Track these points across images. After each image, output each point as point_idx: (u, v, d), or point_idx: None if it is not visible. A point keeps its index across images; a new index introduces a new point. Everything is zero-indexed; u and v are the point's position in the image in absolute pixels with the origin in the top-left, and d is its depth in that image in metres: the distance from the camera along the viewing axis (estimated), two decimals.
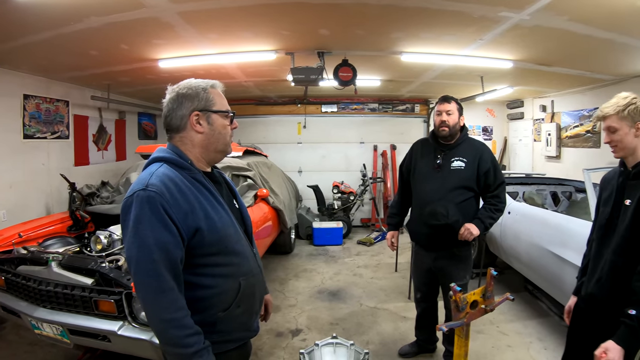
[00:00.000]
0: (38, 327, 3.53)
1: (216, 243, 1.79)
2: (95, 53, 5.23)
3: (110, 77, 6.82)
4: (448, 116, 3.56)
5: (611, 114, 2.25)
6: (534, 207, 5.56)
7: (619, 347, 2.05)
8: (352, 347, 3.37)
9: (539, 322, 4.92)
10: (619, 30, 4.37)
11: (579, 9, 3.79)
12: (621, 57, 5.54)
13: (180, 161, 1.80)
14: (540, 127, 9.61)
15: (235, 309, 1.86)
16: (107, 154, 8.25)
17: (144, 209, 1.61)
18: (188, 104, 1.81)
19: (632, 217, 2.19)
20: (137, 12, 3.89)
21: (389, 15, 4.15)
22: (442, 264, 3.71)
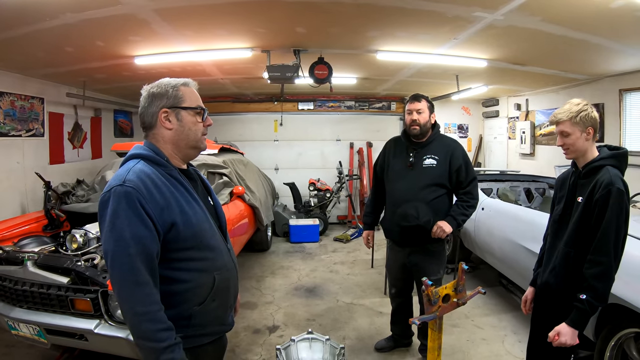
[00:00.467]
0: (15, 327, 3.50)
1: (191, 238, 1.82)
2: (70, 50, 5.17)
3: (86, 74, 6.72)
4: (419, 115, 3.62)
5: (564, 119, 2.44)
6: (506, 203, 5.66)
7: (570, 329, 2.31)
8: (328, 342, 3.41)
9: (513, 315, 5.00)
10: (592, 32, 4.49)
11: (552, 10, 3.88)
12: (594, 57, 5.67)
13: (156, 158, 1.83)
14: (515, 125, 9.80)
15: (210, 303, 1.89)
16: (83, 152, 8.13)
17: (121, 203, 1.64)
18: (157, 102, 1.85)
19: (581, 212, 2.41)
20: (112, 9, 3.86)
21: (365, 14, 4.19)
22: (416, 259, 3.78)
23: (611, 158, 2.44)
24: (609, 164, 2.41)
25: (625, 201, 2.30)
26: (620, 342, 3.12)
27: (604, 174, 2.35)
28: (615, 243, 2.28)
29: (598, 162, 2.43)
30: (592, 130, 2.44)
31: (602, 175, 2.35)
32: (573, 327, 2.32)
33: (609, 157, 2.44)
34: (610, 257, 2.27)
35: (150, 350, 1.65)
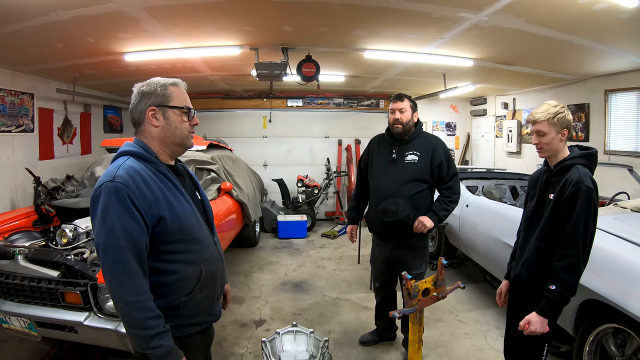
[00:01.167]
0: (6, 320, 3.55)
1: (178, 231, 1.89)
2: (61, 46, 5.20)
3: (76, 70, 6.74)
4: (401, 114, 3.71)
5: (542, 119, 2.54)
6: (490, 201, 5.76)
7: (540, 318, 2.46)
8: (312, 335, 3.48)
9: (496, 310, 5.09)
10: (577, 33, 4.60)
11: (536, 11, 3.98)
12: (580, 58, 5.79)
13: (145, 154, 1.90)
14: (502, 124, 9.93)
15: (197, 294, 1.96)
16: (72, 148, 8.13)
17: (111, 198, 1.71)
18: (146, 100, 1.92)
19: (552, 208, 2.53)
20: (103, 7, 3.91)
21: (351, 13, 4.27)
22: (398, 253, 3.86)
23: (581, 157, 2.55)
24: (579, 163, 2.52)
25: (593, 198, 2.41)
26: (599, 337, 3.21)
27: (574, 173, 2.45)
28: (583, 238, 2.39)
29: (569, 161, 2.55)
30: (567, 131, 2.55)
31: (572, 174, 2.46)
32: (543, 315, 2.46)
33: (580, 157, 2.55)
34: (579, 250, 2.38)
35: (141, 338, 1.73)
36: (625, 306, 2.84)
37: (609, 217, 3.93)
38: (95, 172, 5.18)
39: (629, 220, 3.94)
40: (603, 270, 3.04)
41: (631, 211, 4.29)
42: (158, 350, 1.74)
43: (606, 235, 3.34)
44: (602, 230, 3.27)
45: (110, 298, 3.18)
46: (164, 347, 1.75)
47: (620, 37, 4.67)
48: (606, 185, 5.46)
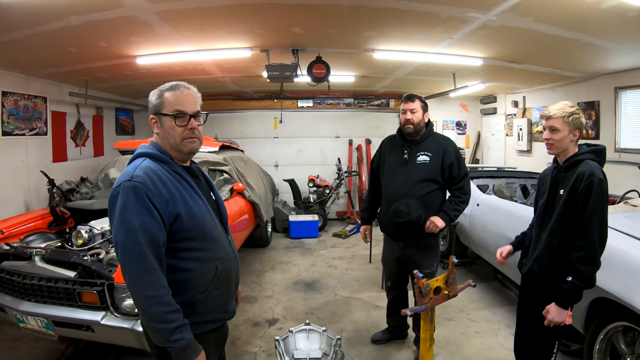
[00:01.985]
0: (23, 320, 3.61)
1: (194, 229, 1.95)
2: (73, 50, 5.28)
3: (88, 73, 6.83)
4: (412, 114, 3.75)
5: (558, 116, 2.60)
6: (500, 199, 5.78)
7: (557, 308, 2.54)
8: (325, 333, 3.52)
9: (507, 309, 5.11)
10: (585, 31, 4.60)
11: (544, 10, 4.00)
12: (589, 56, 5.79)
13: (161, 156, 1.98)
14: (512, 122, 9.91)
15: (212, 291, 2.02)
16: (85, 150, 8.25)
17: (129, 197, 1.78)
18: (150, 108, 2.03)
19: (565, 203, 2.58)
20: (116, 12, 3.97)
21: (360, 14, 4.31)
22: (410, 253, 3.91)
23: (590, 153, 2.61)
24: (589, 157, 2.57)
25: (605, 190, 2.47)
26: (609, 335, 3.22)
27: (585, 166, 2.51)
28: (600, 229, 2.45)
29: (578, 156, 2.60)
30: (578, 133, 2.62)
31: (583, 167, 2.51)
32: (561, 306, 2.54)
33: (589, 152, 2.61)
34: (594, 242, 2.44)
35: (161, 331, 1.79)
36: (635, 304, 2.86)
37: (619, 215, 3.91)
38: (109, 174, 5.24)
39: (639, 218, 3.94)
40: (612, 268, 3.03)
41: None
42: (178, 344, 1.79)
43: (616, 233, 3.33)
44: (611, 228, 3.27)
45: (126, 297, 3.27)
46: (184, 340, 1.80)
47: (629, 34, 4.67)
48: (617, 183, 5.44)
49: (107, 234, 4.25)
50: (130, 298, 3.26)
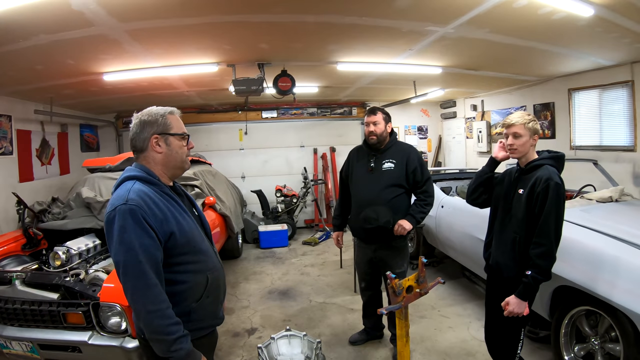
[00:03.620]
0: (7, 346, 3.60)
1: (186, 244, 2.08)
2: (41, 68, 5.26)
3: (54, 91, 6.76)
4: (375, 126, 4.02)
5: (519, 123, 2.91)
6: (464, 200, 5.98)
7: (517, 300, 2.79)
8: (305, 338, 3.69)
9: (476, 304, 5.38)
10: (539, 40, 4.91)
11: (499, 23, 4.27)
12: (543, 61, 6.12)
13: (150, 178, 2.09)
14: (472, 125, 10.27)
15: (205, 299, 2.17)
16: (51, 169, 8.10)
17: (127, 219, 1.89)
18: (148, 129, 2.11)
19: (525, 203, 2.86)
20: (86, 30, 4.00)
21: (325, 30, 4.49)
22: (381, 254, 4.14)
23: (550, 159, 2.92)
24: (548, 163, 2.88)
25: (562, 193, 2.74)
26: (573, 319, 3.53)
27: (543, 171, 2.81)
28: (555, 228, 2.73)
29: (539, 161, 2.91)
30: (537, 137, 2.93)
31: (542, 172, 2.81)
32: (520, 298, 2.78)
33: (548, 158, 2.92)
34: (551, 239, 2.72)
35: (163, 343, 1.92)
36: (595, 289, 3.16)
37: (575, 209, 4.25)
38: (81, 193, 5.15)
39: (595, 211, 4.27)
40: (572, 258, 3.35)
41: (597, 202, 4.62)
42: (179, 353, 1.93)
43: (573, 226, 3.66)
44: (569, 222, 3.56)
45: (112, 316, 3.34)
46: (183, 350, 1.94)
47: (580, 41, 4.98)
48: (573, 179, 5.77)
49: (84, 254, 4.29)
50: (115, 316, 3.35)
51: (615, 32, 4.47)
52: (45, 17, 3.57)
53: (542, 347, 4.18)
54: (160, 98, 8.22)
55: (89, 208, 4.90)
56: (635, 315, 2.88)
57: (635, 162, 6.05)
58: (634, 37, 4.66)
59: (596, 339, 3.37)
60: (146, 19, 3.84)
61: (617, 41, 4.85)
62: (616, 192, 4.73)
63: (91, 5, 3.38)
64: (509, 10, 3.87)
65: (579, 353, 3.52)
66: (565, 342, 3.57)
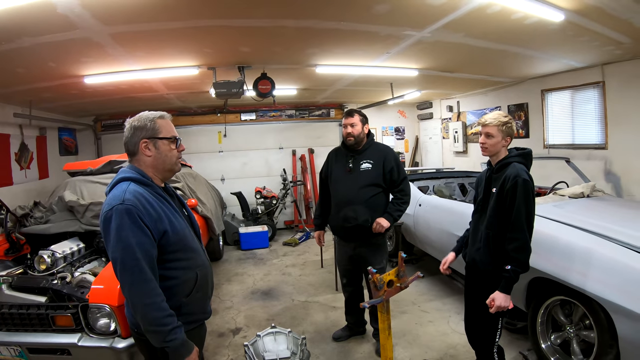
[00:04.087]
0: None
1: (178, 242, 2.20)
2: (22, 71, 5.23)
3: (34, 94, 6.70)
4: (352, 128, 4.16)
5: (493, 124, 3.02)
6: (441, 199, 6.22)
7: (502, 295, 2.88)
8: (291, 334, 3.78)
9: (455, 298, 5.54)
10: (512, 43, 5.10)
11: (474, 27, 4.44)
12: (516, 63, 6.34)
13: (143, 179, 2.19)
14: (448, 126, 10.50)
15: (195, 294, 2.29)
16: (30, 173, 7.97)
17: (124, 219, 2.00)
18: (138, 133, 2.20)
19: (496, 200, 3.00)
20: (70, 33, 4.01)
21: (305, 34, 4.60)
22: (361, 251, 4.27)
23: (517, 156, 3.05)
24: (516, 160, 3.01)
25: (530, 188, 2.88)
26: (549, 309, 3.72)
27: (512, 169, 2.94)
28: (527, 222, 2.87)
29: (507, 159, 3.03)
30: (509, 139, 3.06)
31: (510, 170, 2.94)
32: (504, 292, 2.89)
33: (516, 156, 3.05)
34: (524, 233, 2.85)
35: (159, 334, 2.03)
36: (568, 279, 3.34)
37: (548, 204, 4.47)
38: (64, 196, 5.07)
39: (567, 206, 4.48)
40: (546, 251, 3.54)
41: (569, 198, 4.82)
42: (173, 343, 2.05)
43: (547, 220, 3.85)
44: (543, 217, 3.75)
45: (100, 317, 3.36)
46: (178, 340, 2.06)
47: (552, 44, 5.18)
48: (547, 176, 6.02)
49: (69, 258, 4.29)
50: (104, 317, 3.38)
51: (586, 35, 4.67)
52: (30, 20, 3.58)
53: (520, 338, 4.35)
54: (140, 101, 8.24)
55: (71, 212, 4.89)
56: (607, 303, 3.05)
57: (606, 160, 6.31)
58: (603, 40, 4.87)
59: (571, 327, 3.56)
60: (130, 22, 3.88)
61: (587, 44, 5.07)
62: (588, 188, 4.95)
63: (76, 8, 3.40)
64: (483, 16, 4.04)
65: (556, 341, 3.70)
66: (542, 331, 3.75)
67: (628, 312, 2.90)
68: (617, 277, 3.04)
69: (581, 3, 3.74)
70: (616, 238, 3.35)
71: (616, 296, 2.99)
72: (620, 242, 3.29)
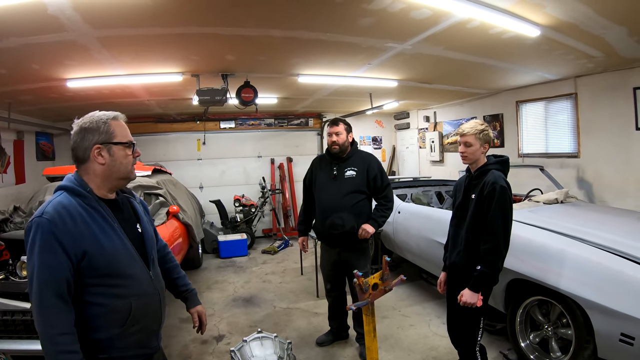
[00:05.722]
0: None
1: (105, 266, 1.90)
2: (3, 72, 5.14)
3: (13, 96, 6.59)
4: (337, 136, 4.27)
5: (471, 133, 3.17)
6: (419, 206, 6.37)
7: (470, 292, 3.05)
8: (277, 339, 3.81)
9: (435, 303, 5.68)
10: (489, 56, 5.30)
11: (453, 41, 4.62)
12: (491, 76, 6.57)
13: (77, 189, 1.92)
14: (424, 136, 10.70)
15: (130, 328, 1.98)
16: (7, 177, 7.81)
17: (37, 233, 1.79)
18: (90, 137, 1.94)
19: (475, 206, 3.13)
20: (57, 35, 3.97)
21: (291, 44, 4.69)
22: (345, 256, 4.36)
23: (496, 164, 3.20)
24: (494, 168, 3.16)
25: (507, 195, 3.03)
26: (527, 310, 3.89)
27: (490, 176, 3.09)
28: (502, 227, 3.00)
29: (486, 167, 3.18)
30: (487, 146, 3.21)
31: (488, 177, 3.09)
32: (472, 290, 3.04)
33: (494, 163, 3.21)
34: (498, 237, 2.99)
35: None
36: (545, 280, 3.52)
37: (524, 210, 4.67)
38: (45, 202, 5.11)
39: (541, 211, 4.69)
40: (522, 253, 3.72)
41: (543, 204, 5.03)
42: None
43: (522, 225, 4.02)
44: (518, 222, 3.91)
45: None
46: None
47: (527, 58, 5.39)
48: (522, 184, 6.21)
49: None
50: None
51: (560, 49, 4.89)
52: (19, 20, 3.55)
53: (499, 339, 4.49)
54: (120, 106, 8.10)
55: None
56: (582, 300, 3.22)
57: (578, 167, 6.57)
58: (577, 54, 5.10)
59: (549, 326, 3.72)
60: (119, 26, 3.89)
61: (561, 58, 5.29)
62: (561, 194, 5.17)
63: (67, 10, 3.40)
64: (463, 30, 4.21)
65: (534, 340, 3.87)
66: (521, 331, 3.92)
67: (603, 308, 3.07)
68: (592, 276, 3.22)
69: (556, 19, 3.94)
70: (589, 240, 3.54)
71: (591, 293, 3.16)
72: (593, 244, 3.47)
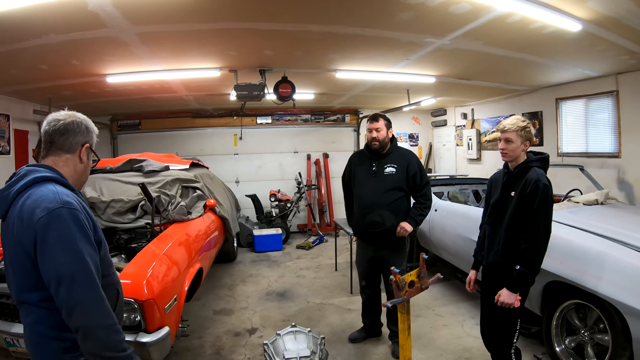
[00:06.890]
0: (13, 343, 3.40)
1: (105, 255, 1.92)
2: (45, 67, 5.32)
3: (54, 91, 6.80)
4: (377, 133, 4.22)
5: (512, 130, 3.08)
6: (457, 204, 6.29)
7: (508, 292, 2.99)
8: (310, 334, 3.84)
9: (470, 303, 5.59)
10: (529, 52, 5.19)
11: (492, 36, 4.54)
12: (530, 72, 6.42)
13: (68, 183, 1.87)
14: (462, 133, 10.52)
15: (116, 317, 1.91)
16: None
17: (70, 226, 1.69)
18: (87, 135, 1.94)
19: (516, 204, 3.05)
20: (97, 32, 4.09)
21: (328, 39, 4.70)
22: (382, 254, 4.32)
23: (537, 161, 3.12)
24: (536, 165, 3.08)
25: (549, 193, 2.94)
26: (563, 313, 3.77)
27: (532, 173, 3.01)
28: (544, 226, 2.93)
29: (527, 164, 3.10)
30: (529, 143, 3.11)
31: (531, 174, 3.01)
32: (510, 290, 2.99)
33: (536, 160, 3.12)
34: (538, 236, 2.92)
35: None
36: (583, 283, 3.40)
37: (563, 211, 4.53)
38: (85, 193, 5.17)
39: (581, 212, 4.55)
40: (561, 255, 3.60)
41: (583, 205, 4.88)
42: None
43: (562, 226, 3.91)
44: (558, 222, 3.80)
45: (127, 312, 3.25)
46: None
47: (568, 53, 5.26)
48: (560, 184, 6.05)
49: None
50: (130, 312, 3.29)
51: (601, 45, 4.75)
52: (59, 17, 3.65)
53: (534, 342, 4.38)
54: (158, 102, 8.35)
55: (93, 208, 4.97)
56: (621, 306, 3.11)
57: (619, 168, 6.36)
58: (618, 50, 4.94)
59: (586, 331, 3.60)
60: (159, 22, 3.98)
61: (602, 54, 5.13)
62: (601, 195, 5.01)
63: (107, 7, 3.49)
64: (503, 25, 4.13)
65: (570, 345, 3.74)
66: (556, 335, 3.80)
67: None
68: (631, 280, 3.11)
69: (598, 14, 3.83)
70: (630, 243, 3.42)
71: (630, 299, 3.05)
72: (634, 247, 3.35)
